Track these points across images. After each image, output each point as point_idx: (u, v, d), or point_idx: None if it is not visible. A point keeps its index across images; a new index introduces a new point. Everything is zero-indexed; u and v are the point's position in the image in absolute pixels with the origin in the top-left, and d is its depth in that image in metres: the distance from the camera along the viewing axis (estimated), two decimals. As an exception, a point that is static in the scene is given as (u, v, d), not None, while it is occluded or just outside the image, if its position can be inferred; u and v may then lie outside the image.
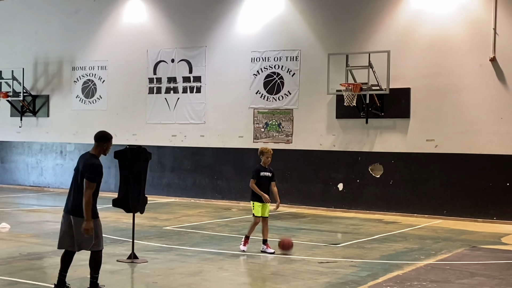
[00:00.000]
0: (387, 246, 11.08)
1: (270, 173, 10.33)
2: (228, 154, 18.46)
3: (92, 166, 6.91)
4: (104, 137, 7.20)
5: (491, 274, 8.71)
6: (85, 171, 6.89)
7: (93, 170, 6.89)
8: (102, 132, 7.25)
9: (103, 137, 7.19)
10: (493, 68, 14.96)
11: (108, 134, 7.24)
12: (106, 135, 7.22)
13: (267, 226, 10.32)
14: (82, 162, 7.04)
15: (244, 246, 10.19)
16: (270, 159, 10.33)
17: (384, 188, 16.15)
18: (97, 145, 7.16)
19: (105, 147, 7.19)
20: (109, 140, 7.21)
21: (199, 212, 15.82)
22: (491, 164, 14.97)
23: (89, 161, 6.98)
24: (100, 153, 7.18)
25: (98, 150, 7.16)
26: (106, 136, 7.21)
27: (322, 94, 16.77)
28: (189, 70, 19.14)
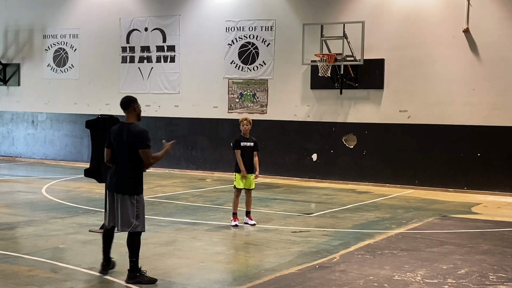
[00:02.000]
0: (359, 215, 11.20)
1: (252, 143, 10.07)
2: (203, 124, 18.39)
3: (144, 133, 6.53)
4: (130, 100, 6.66)
5: (461, 242, 8.87)
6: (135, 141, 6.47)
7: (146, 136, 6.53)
8: (125, 98, 6.75)
9: (129, 101, 6.66)
10: (466, 39, 15.05)
11: (131, 97, 6.76)
12: (130, 98, 6.72)
13: (251, 198, 10.21)
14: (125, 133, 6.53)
15: (235, 221, 9.89)
16: (248, 127, 10.06)
17: (357, 158, 16.27)
18: (128, 111, 6.65)
19: (137, 110, 6.69)
20: (136, 101, 6.69)
21: (173, 183, 15.79)
22: (463, 135, 15.16)
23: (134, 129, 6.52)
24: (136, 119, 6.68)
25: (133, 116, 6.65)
26: (131, 99, 6.69)
27: (297, 65, 16.73)
28: (162, 39, 18.91)
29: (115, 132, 6.68)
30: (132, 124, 6.62)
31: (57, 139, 20.70)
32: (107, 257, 6.89)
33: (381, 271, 7.12)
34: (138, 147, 6.48)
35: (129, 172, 6.54)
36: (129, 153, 6.52)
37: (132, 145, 6.50)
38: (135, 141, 6.48)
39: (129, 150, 6.51)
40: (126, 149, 6.53)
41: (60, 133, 20.59)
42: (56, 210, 10.89)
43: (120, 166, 6.59)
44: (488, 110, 14.84)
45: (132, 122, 6.66)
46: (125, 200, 6.51)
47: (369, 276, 6.90)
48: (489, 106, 14.84)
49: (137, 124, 6.66)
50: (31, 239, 8.51)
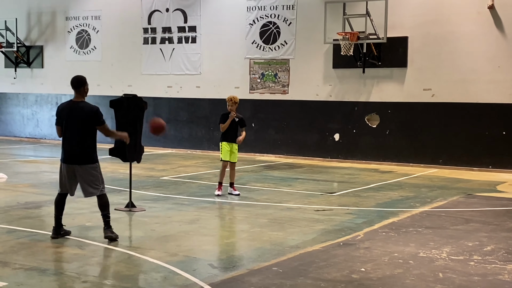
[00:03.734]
0: (382, 194, 11.16)
1: (237, 118, 10.98)
2: (224, 105, 18.17)
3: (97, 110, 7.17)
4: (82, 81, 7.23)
5: (486, 220, 8.80)
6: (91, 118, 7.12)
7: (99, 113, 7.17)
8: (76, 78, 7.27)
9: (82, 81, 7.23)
10: (491, 16, 14.78)
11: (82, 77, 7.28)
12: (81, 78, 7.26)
13: (234, 170, 11.00)
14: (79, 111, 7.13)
15: (219, 191, 10.66)
16: (233, 107, 10.97)
17: (380, 138, 16.17)
18: (78, 91, 7.23)
19: (86, 90, 7.30)
20: (86, 82, 7.28)
21: (195, 163, 15.86)
22: (488, 113, 14.96)
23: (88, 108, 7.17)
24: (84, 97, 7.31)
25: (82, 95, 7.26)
26: (82, 79, 7.25)
27: (319, 44, 16.60)
28: (184, 19, 18.88)
29: (66, 110, 7.22)
30: (83, 102, 7.22)
31: (81, 120, 20.84)
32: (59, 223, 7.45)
33: (406, 248, 7.10)
34: (95, 124, 7.16)
35: (85, 145, 7.20)
36: (83, 128, 7.14)
37: (87, 121, 7.12)
38: (91, 119, 7.12)
39: (83, 126, 7.13)
40: (80, 125, 7.13)
41: (83, 115, 20.72)
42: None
43: (75, 140, 7.18)
44: (513, 87, 14.62)
45: (82, 100, 7.24)
46: (87, 169, 7.24)
47: (394, 253, 6.89)
48: (514, 84, 14.61)
49: (88, 102, 7.27)
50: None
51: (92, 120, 7.12)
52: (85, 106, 7.18)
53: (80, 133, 7.13)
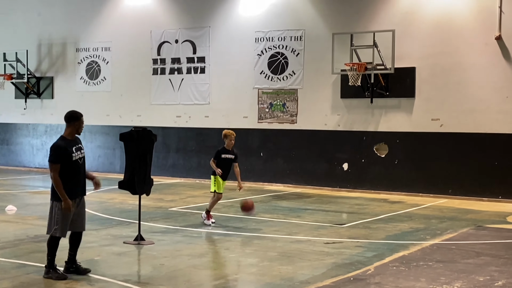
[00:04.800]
0: (392, 226, 11.10)
1: (233, 155, 10.99)
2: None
3: (51, 148, 7.15)
4: (74, 117, 7.22)
5: (497, 253, 8.73)
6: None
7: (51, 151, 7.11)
8: (71, 112, 7.28)
9: (73, 117, 7.23)
10: (499, 47, 14.85)
11: (77, 112, 7.28)
12: (75, 114, 7.24)
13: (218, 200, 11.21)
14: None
15: (209, 220, 10.84)
16: (233, 142, 11.04)
17: (389, 167, 16.15)
18: (67, 125, 7.23)
19: (77, 127, 7.26)
20: (79, 119, 7.24)
21: (204, 193, 15.85)
22: (497, 143, 14.93)
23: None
24: (72, 133, 7.25)
25: (68, 130, 7.24)
26: (75, 115, 7.24)
27: (327, 74, 16.70)
28: (193, 50, 19.07)
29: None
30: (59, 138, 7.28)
31: (90, 150, 20.95)
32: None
33: (416, 284, 7.04)
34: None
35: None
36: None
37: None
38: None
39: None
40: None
41: (92, 145, 20.85)
42: (90, 222, 10.98)
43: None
44: (522, 117, 14.61)
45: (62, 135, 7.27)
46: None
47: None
48: (523, 114, 14.61)
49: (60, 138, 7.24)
50: (67, 252, 8.61)
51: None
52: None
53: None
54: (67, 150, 7.08)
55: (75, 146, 7.20)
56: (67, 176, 7.08)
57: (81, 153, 7.25)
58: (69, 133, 7.22)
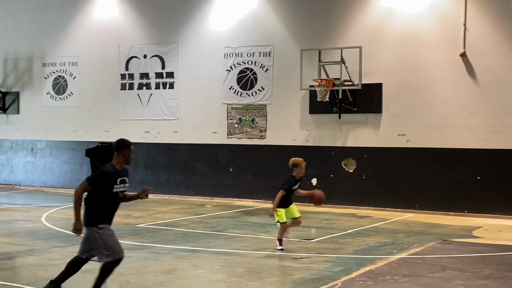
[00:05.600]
0: (360, 240, 11.16)
1: (298, 184, 10.33)
2: (202, 150, 18.41)
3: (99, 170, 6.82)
4: (123, 144, 6.82)
5: (462, 267, 8.83)
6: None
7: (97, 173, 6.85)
8: (120, 140, 6.89)
9: (122, 144, 6.82)
10: (463, 63, 15.15)
11: (126, 140, 6.90)
12: (124, 142, 6.85)
13: (296, 226, 10.49)
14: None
15: (281, 246, 10.07)
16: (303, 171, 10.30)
17: (357, 182, 16.26)
18: (116, 154, 6.77)
19: (127, 155, 6.79)
20: (128, 146, 6.81)
21: (173, 209, 15.75)
22: (462, 158, 15.17)
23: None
24: (120, 162, 6.79)
25: (117, 159, 6.79)
26: (125, 143, 6.84)
27: (295, 90, 16.80)
28: (161, 66, 19.03)
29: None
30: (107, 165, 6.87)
31: (57, 166, 20.69)
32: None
33: (383, 298, 7.07)
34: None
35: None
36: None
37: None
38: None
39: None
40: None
41: (59, 161, 20.58)
42: (56, 239, 10.85)
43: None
44: (486, 133, 14.88)
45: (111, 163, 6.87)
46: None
47: (372, 303, 6.85)
48: (487, 129, 14.88)
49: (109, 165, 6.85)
50: (31, 269, 8.47)
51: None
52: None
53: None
54: (113, 180, 6.71)
55: (120, 177, 6.79)
56: (104, 203, 6.82)
57: (124, 186, 6.87)
58: (117, 162, 6.75)
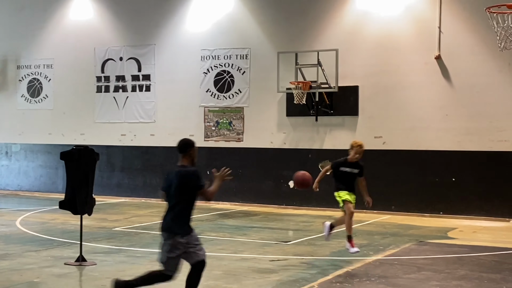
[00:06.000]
0: (337, 242, 11.19)
1: (357, 170, 9.54)
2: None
3: (195, 173, 6.41)
4: (188, 144, 6.51)
5: (438, 268, 8.91)
6: (187, 183, 6.38)
7: (199, 176, 6.41)
8: (183, 140, 6.56)
9: (187, 144, 6.51)
10: (438, 66, 15.30)
11: (190, 139, 6.61)
12: (188, 142, 6.55)
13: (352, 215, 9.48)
14: (177, 177, 6.40)
15: (353, 248, 9.32)
16: (359, 156, 9.50)
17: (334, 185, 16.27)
18: (183, 155, 6.49)
19: (193, 155, 6.51)
20: (193, 146, 6.54)
21: (150, 212, 15.66)
22: (438, 160, 15.32)
23: (185, 171, 6.41)
24: (188, 163, 6.49)
25: (184, 160, 6.50)
26: (189, 142, 6.55)
27: (273, 92, 16.83)
28: (138, 68, 18.92)
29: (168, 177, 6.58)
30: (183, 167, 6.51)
31: (32, 170, 20.45)
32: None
33: (359, 299, 7.10)
34: (195, 188, 6.47)
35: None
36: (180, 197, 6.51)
37: (183, 187, 6.44)
38: (187, 182, 6.42)
39: (180, 193, 6.49)
40: (179, 191, 6.49)
41: (34, 164, 20.35)
42: (30, 243, 10.71)
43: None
44: (461, 135, 15.05)
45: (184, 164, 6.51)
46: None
47: (348, 304, 6.88)
48: (462, 131, 15.05)
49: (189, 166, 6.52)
50: (5, 274, 8.34)
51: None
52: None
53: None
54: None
55: None
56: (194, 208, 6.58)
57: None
58: (185, 163, 6.50)
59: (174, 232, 6.43)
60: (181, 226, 6.50)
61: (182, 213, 6.53)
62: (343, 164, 9.59)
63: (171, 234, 6.43)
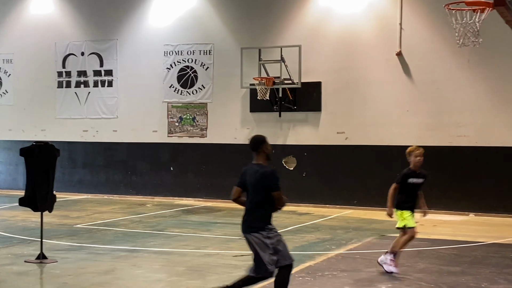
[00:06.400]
0: (300, 237, 11.28)
1: (423, 179, 8.46)
2: (142, 149, 18.21)
3: (273, 173, 6.26)
4: (260, 140, 6.36)
5: (400, 262, 8.99)
6: (264, 183, 6.23)
7: (276, 176, 6.28)
8: (254, 137, 6.42)
9: (259, 141, 6.36)
10: (399, 62, 15.52)
11: (260, 136, 6.45)
12: (260, 138, 6.40)
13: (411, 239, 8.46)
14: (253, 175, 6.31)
15: (394, 267, 8.26)
16: (422, 159, 8.48)
17: (297, 180, 16.42)
18: (256, 153, 6.36)
19: (266, 151, 6.36)
20: (265, 141, 6.38)
21: (112, 209, 15.52)
22: (398, 155, 15.42)
23: (262, 171, 6.27)
24: (263, 160, 6.35)
25: (259, 158, 6.37)
26: (261, 139, 6.39)
27: (236, 88, 16.83)
28: (100, 63, 18.70)
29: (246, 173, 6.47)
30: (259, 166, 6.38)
31: (-9, 166, 20.04)
32: None
33: (322, 293, 7.17)
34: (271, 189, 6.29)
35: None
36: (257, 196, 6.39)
37: (260, 187, 6.32)
38: (265, 183, 6.29)
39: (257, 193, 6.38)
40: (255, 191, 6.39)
41: (-7, 161, 19.95)
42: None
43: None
44: (422, 130, 15.29)
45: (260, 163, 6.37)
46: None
47: (310, 298, 6.94)
48: (423, 127, 15.30)
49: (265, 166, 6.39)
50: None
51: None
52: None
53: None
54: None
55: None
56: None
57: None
58: (260, 161, 6.37)
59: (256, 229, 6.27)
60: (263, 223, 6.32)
61: (261, 212, 6.36)
62: (410, 175, 8.47)
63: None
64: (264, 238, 6.22)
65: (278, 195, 6.25)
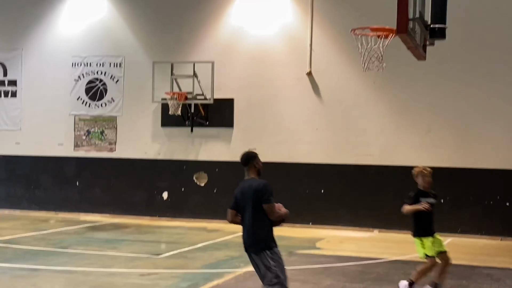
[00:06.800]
0: (209, 254, 11.19)
1: (435, 199, 8.13)
2: (47, 162, 17.55)
3: (266, 186, 6.21)
4: (251, 156, 6.39)
5: (305, 279, 9.14)
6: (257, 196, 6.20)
7: (269, 189, 6.25)
8: (245, 153, 6.44)
9: (250, 157, 6.39)
10: (310, 82, 15.82)
11: (250, 152, 6.50)
12: (250, 154, 6.45)
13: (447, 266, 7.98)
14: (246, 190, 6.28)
15: None
16: (431, 180, 8.12)
17: (208, 196, 16.33)
18: (248, 168, 6.37)
19: (257, 166, 6.38)
20: (256, 157, 6.41)
21: (13, 225, 14.82)
22: (308, 172, 15.79)
23: (255, 184, 6.24)
24: (254, 175, 6.37)
25: (250, 173, 6.39)
26: (251, 155, 6.42)
27: (147, 102, 16.58)
28: (3, 73, 17.92)
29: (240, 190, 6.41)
30: (253, 180, 6.39)
31: None
32: None
33: (229, 312, 7.11)
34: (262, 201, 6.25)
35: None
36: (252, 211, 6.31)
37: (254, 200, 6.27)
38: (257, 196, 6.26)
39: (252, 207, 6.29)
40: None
41: None
42: None
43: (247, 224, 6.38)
44: (330, 148, 15.62)
45: (253, 177, 6.40)
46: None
47: (217, 318, 6.86)
48: (331, 145, 15.64)
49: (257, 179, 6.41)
50: None
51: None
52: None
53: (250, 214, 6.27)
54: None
55: None
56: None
57: None
58: (252, 176, 6.37)
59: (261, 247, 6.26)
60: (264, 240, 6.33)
61: (259, 227, 6.33)
62: (424, 195, 8.06)
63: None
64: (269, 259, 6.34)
65: (269, 208, 6.25)
